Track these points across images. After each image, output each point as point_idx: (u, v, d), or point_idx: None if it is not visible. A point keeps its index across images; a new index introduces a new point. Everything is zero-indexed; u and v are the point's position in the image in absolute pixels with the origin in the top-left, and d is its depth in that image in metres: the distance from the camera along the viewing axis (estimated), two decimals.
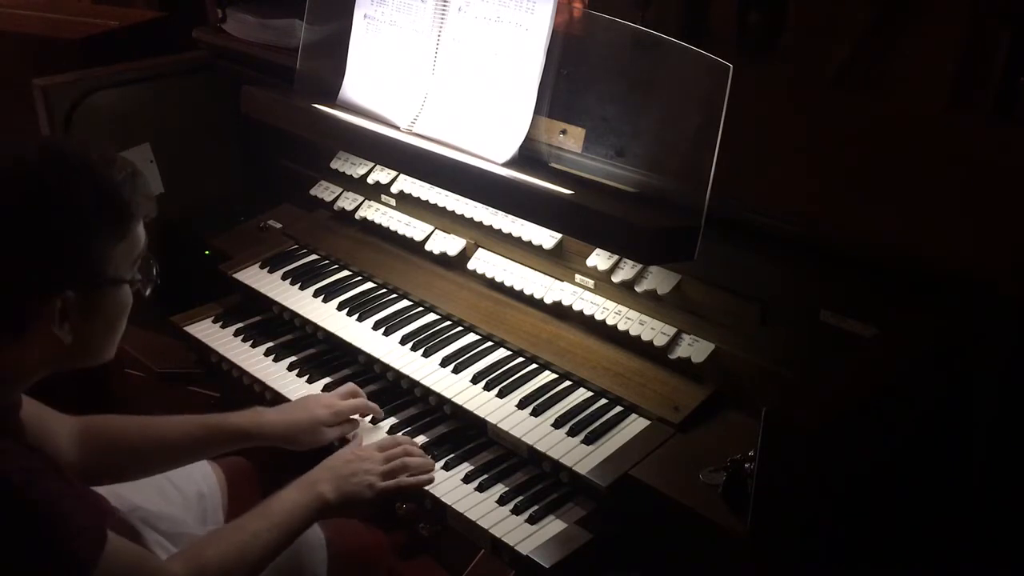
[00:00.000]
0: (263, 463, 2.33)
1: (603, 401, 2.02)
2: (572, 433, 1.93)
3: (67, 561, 1.42)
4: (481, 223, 2.27)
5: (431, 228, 2.45)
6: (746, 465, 1.69)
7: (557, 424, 1.96)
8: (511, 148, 2.09)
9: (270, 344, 2.39)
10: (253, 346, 2.39)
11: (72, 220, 1.44)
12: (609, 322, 2.08)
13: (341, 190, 2.67)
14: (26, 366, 1.52)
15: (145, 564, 1.58)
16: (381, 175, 2.53)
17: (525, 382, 2.09)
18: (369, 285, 2.46)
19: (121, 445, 1.91)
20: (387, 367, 2.19)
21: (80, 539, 1.44)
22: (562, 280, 2.20)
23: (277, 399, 2.23)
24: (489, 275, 2.30)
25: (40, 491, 1.42)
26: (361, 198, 2.62)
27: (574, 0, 2.23)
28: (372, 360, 2.22)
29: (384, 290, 2.43)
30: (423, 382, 2.11)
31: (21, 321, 1.45)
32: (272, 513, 1.76)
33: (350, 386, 2.15)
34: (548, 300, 2.19)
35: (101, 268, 1.49)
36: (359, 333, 2.28)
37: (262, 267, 2.56)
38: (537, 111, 2.07)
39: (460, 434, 2.07)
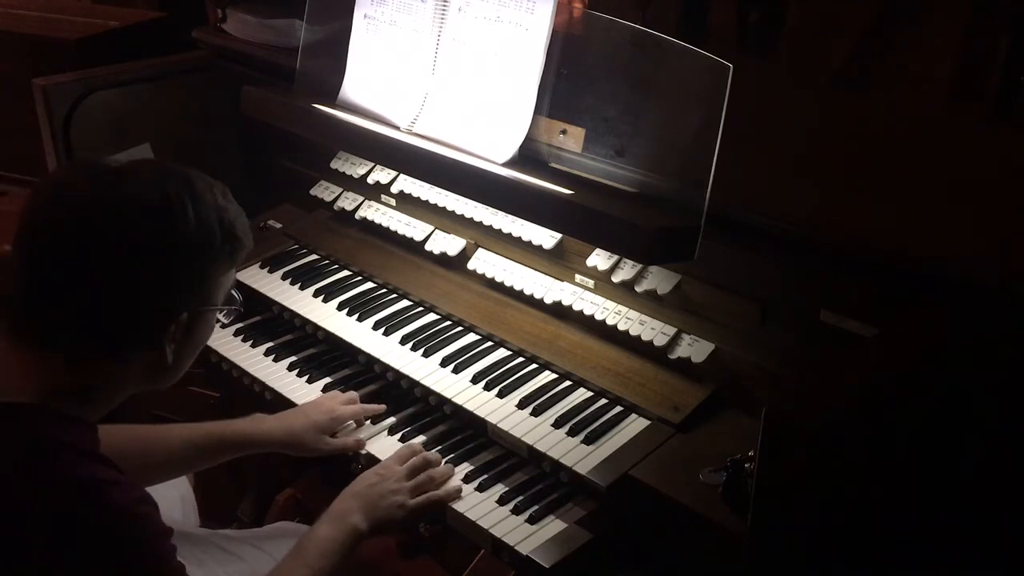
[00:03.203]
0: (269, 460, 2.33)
1: (603, 401, 2.02)
2: (572, 433, 1.93)
3: None
4: (481, 223, 2.27)
5: (431, 228, 2.45)
6: (746, 465, 1.69)
7: (557, 424, 1.96)
8: (511, 148, 2.09)
9: (270, 344, 2.39)
10: (253, 346, 2.39)
11: (203, 245, 1.53)
12: (609, 322, 2.08)
13: (341, 190, 2.67)
14: (124, 385, 1.57)
15: None
16: (381, 175, 2.53)
17: (525, 382, 2.09)
18: (369, 285, 2.46)
19: (127, 455, 1.91)
20: (387, 367, 2.19)
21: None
22: (562, 280, 2.20)
23: (277, 399, 2.23)
24: (489, 275, 2.30)
25: (153, 529, 1.46)
26: (361, 198, 2.62)
27: (574, 0, 2.23)
28: (372, 360, 2.22)
29: (384, 290, 2.43)
30: (423, 382, 2.11)
31: (149, 337, 1.52)
32: (307, 553, 1.75)
33: (351, 394, 2.16)
34: (548, 300, 2.19)
35: (213, 293, 1.59)
36: (359, 333, 2.28)
37: (262, 267, 2.56)
38: (537, 111, 2.07)
39: (460, 434, 2.07)
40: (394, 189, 2.50)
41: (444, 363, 2.15)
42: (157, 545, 1.46)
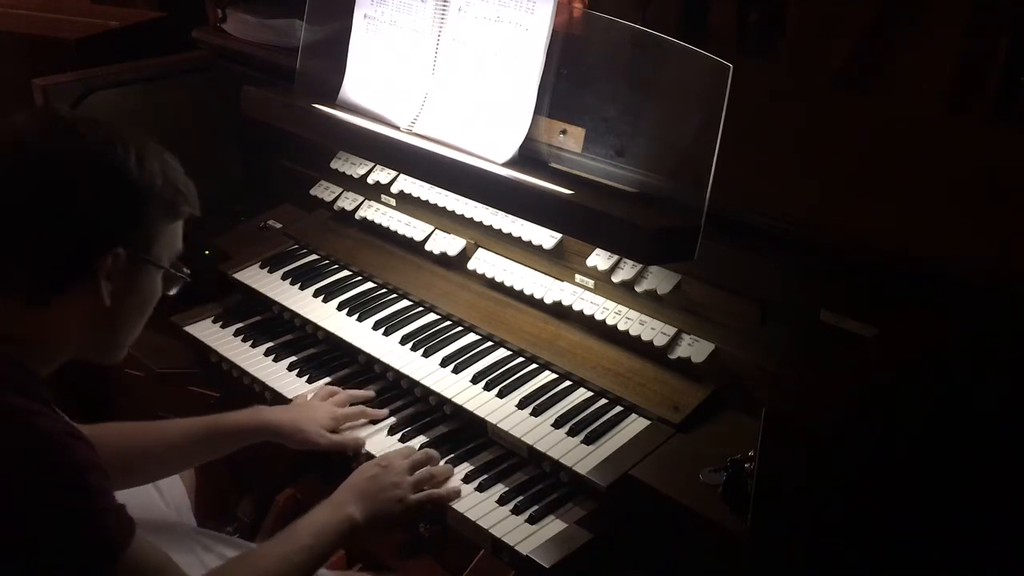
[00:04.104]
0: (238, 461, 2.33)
1: (603, 401, 2.02)
2: (572, 433, 1.93)
3: (97, 539, 1.44)
4: (481, 223, 2.27)
5: (431, 228, 2.45)
6: (746, 465, 1.69)
7: (557, 424, 1.96)
8: (511, 148, 2.09)
9: (270, 344, 2.39)
10: (253, 346, 2.39)
11: (141, 183, 1.55)
12: (609, 322, 2.08)
13: (341, 190, 2.67)
14: (64, 330, 1.56)
15: (170, 571, 1.57)
16: (381, 175, 2.53)
17: (525, 382, 2.09)
18: (369, 285, 2.46)
19: (127, 452, 1.92)
20: (387, 367, 2.19)
21: (115, 520, 1.46)
22: (562, 280, 2.20)
23: (277, 399, 2.23)
24: (489, 275, 2.30)
25: (81, 459, 1.44)
26: (361, 198, 2.62)
27: (574, 0, 2.23)
28: (372, 360, 2.22)
29: (384, 290, 2.43)
30: (423, 382, 2.11)
31: (81, 266, 1.52)
32: (300, 536, 1.75)
33: (351, 393, 2.17)
34: (548, 300, 2.19)
35: (151, 240, 1.59)
36: (359, 333, 2.28)
37: (262, 267, 2.56)
38: (537, 111, 2.07)
39: (460, 434, 2.07)
40: (394, 189, 2.50)
41: (444, 363, 2.15)
42: (86, 477, 1.44)
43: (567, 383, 2.08)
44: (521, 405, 2.01)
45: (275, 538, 1.77)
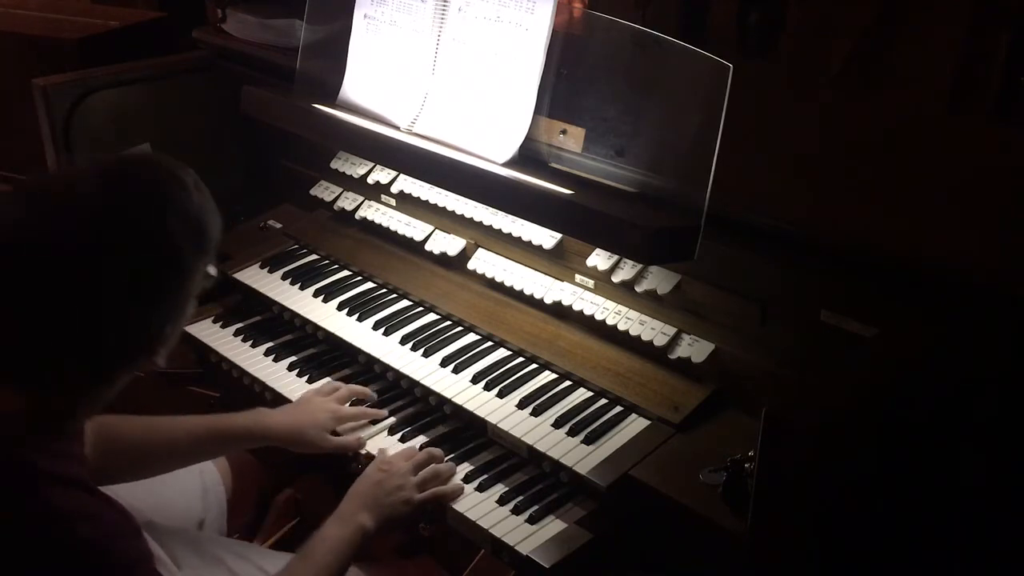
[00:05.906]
0: (269, 460, 2.33)
1: (603, 401, 2.02)
2: (572, 433, 1.93)
3: None
4: (481, 223, 2.27)
5: (431, 228, 2.45)
6: (746, 465, 1.69)
7: (557, 424, 1.96)
8: (511, 148, 2.09)
9: (270, 344, 2.39)
10: (253, 346, 2.39)
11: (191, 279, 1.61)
12: (609, 322, 2.08)
13: (341, 190, 2.67)
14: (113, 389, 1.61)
15: None
16: (381, 175, 2.53)
17: (525, 382, 2.09)
18: (369, 285, 2.46)
19: (127, 445, 1.92)
20: (387, 367, 2.19)
21: None
22: (562, 280, 2.20)
23: (277, 399, 2.23)
24: (489, 275, 2.30)
25: (125, 559, 1.45)
26: (361, 198, 2.62)
27: (574, 0, 2.23)
28: (372, 360, 2.22)
29: (384, 290, 2.43)
30: (423, 382, 2.11)
31: (138, 362, 1.59)
32: (315, 552, 1.76)
33: (353, 388, 2.16)
34: (548, 300, 2.19)
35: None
36: (359, 333, 2.28)
37: (262, 267, 2.56)
38: (537, 111, 2.07)
39: (460, 434, 2.07)
40: (394, 189, 2.50)
41: (444, 363, 2.15)
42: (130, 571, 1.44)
43: (567, 383, 2.08)
44: (521, 405, 2.01)
45: (292, 561, 1.77)
